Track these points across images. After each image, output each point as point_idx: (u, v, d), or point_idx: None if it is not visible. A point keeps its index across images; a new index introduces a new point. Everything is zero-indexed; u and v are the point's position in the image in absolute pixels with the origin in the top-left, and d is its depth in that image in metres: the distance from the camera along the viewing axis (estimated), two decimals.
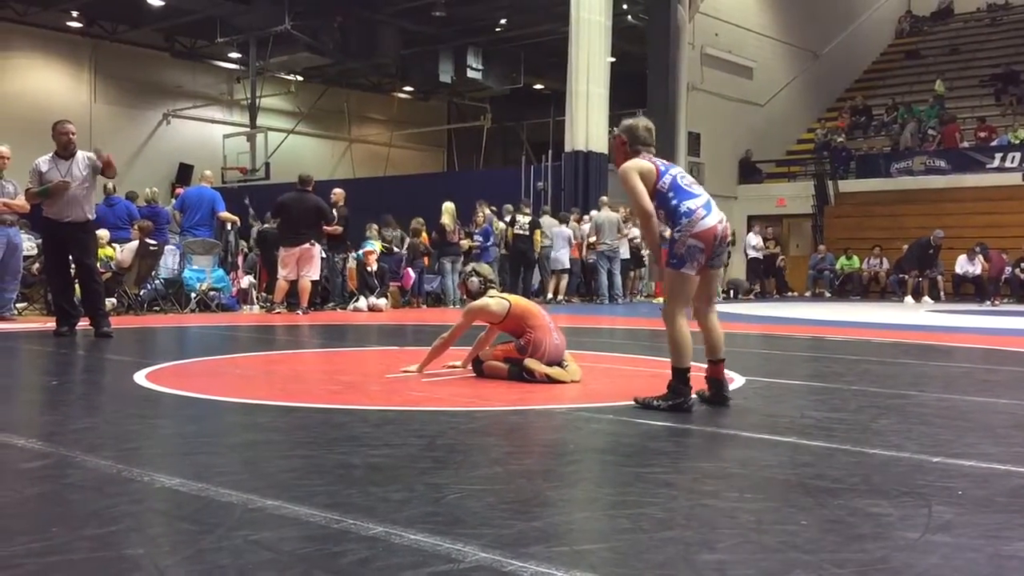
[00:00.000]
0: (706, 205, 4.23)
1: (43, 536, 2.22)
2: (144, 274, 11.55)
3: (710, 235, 4.18)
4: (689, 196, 4.24)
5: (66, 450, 3.20)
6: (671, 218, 4.26)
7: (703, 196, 4.29)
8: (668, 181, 4.29)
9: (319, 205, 11.89)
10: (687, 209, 4.19)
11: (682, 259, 4.20)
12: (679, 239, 4.20)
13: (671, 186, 4.27)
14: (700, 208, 4.20)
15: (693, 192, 4.28)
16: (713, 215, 4.22)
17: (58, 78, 24.38)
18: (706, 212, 4.20)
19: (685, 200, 4.22)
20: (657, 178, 4.29)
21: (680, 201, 4.22)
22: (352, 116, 29.74)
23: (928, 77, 27.16)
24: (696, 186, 4.36)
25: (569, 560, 2.06)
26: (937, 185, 21.84)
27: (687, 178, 4.38)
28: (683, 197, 4.24)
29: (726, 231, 4.30)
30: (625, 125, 4.52)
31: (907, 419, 4.19)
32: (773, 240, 22.09)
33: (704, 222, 4.17)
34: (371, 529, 2.25)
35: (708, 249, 4.20)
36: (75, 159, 7.83)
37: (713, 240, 4.20)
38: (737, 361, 6.80)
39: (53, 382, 5.58)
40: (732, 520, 2.44)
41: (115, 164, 8.12)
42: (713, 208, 4.25)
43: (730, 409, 4.39)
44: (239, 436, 3.69)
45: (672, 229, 4.25)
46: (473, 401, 4.56)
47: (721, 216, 4.27)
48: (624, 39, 21.50)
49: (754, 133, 25.03)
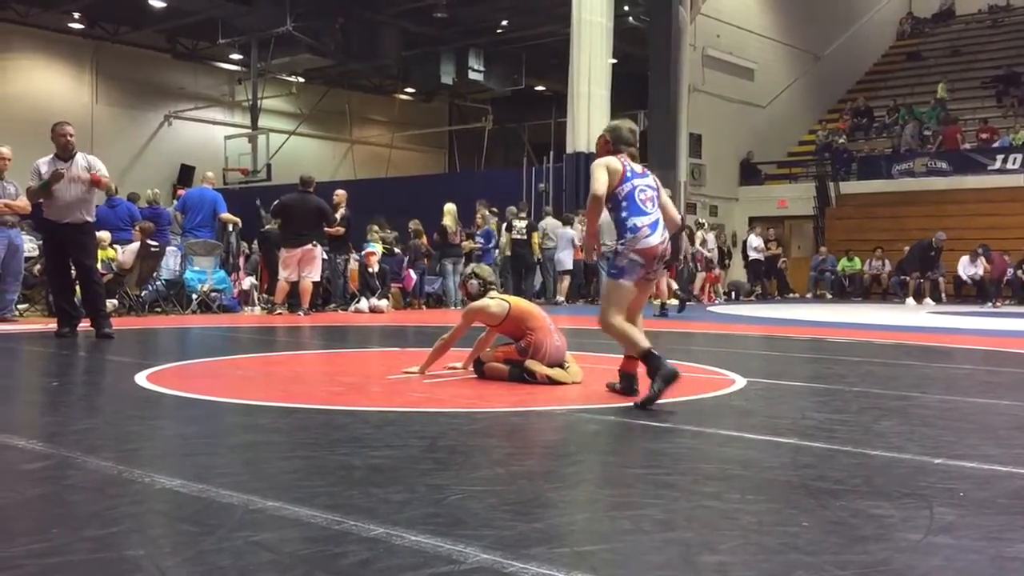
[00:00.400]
0: (652, 224, 4.44)
1: (44, 537, 2.22)
2: (145, 275, 11.56)
3: (651, 254, 4.42)
4: (639, 213, 4.45)
5: (67, 451, 3.20)
6: (617, 228, 4.48)
7: (653, 215, 4.49)
8: (627, 190, 4.48)
9: (321, 206, 11.89)
10: (633, 225, 4.41)
11: (621, 271, 4.45)
12: (622, 252, 4.43)
13: (627, 196, 4.47)
14: (646, 227, 4.42)
15: (644, 210, 4.47)
16: (657, 235, 4.44)
17: (60, 79, 24.41)
18: (651, 232, 4.42)
19: (634, 216, 4.43)
20: (620, 181, 4.48)
21: (629, 215, 4.44)
22: (353, 117, 29.77)
23: (929, 79, 27.15)
24: (650, 204, 4.53)
25: (570, 561, 2.05)
26: (939, 187, 21.84)
27: (646, 193, 4.53)
28: (633, 212, 4.44)
29: (666, 250, 4.51)
30: (611, 126, 4.80)
31: (909, 421, 4.19)
32: (775, 241, 22.09)
33: (647, 240, 4.40)
34: (372, 530, 2.25)
35: (648, 265, 4.45)
36: (75, 160, 7.83)
37: (653, 258, 4.44)
38: (738, 362, 6.80)
39: (54, 383, 5.58)
40: (733, 521, 2.44)
41: (105, 182, 8.14)
42: (659, 228, 4.47)
43: (731, 410, 4.39)
44: (240, 437, 3.69)
45: (616, 241, 4.49)
46: (474, 402, 4.55)
47: (664, 236, 4.49)
48: (625, 40, 21.52)
49: (755, 135, 25.03)
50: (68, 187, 7.74)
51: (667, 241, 4.50)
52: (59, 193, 7.74)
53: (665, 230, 4.51)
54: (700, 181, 23.11)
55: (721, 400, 4.74)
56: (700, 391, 5.02)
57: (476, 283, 5.68)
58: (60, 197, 7.75)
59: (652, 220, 4.45)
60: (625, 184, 4.48)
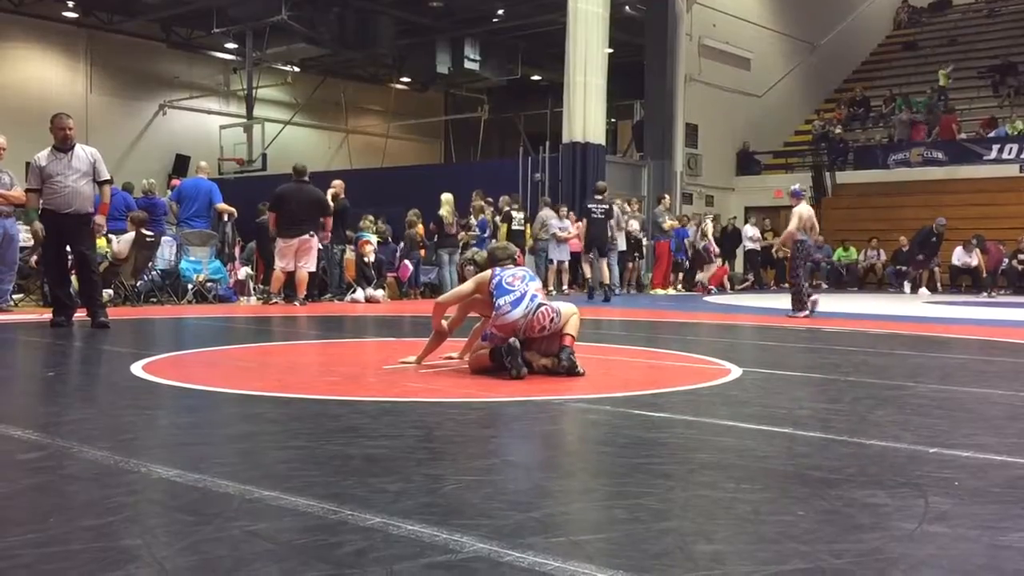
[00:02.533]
0: (514, 301, 5.05)
1: (40, 527, 2.22)
2: (141, 265, 11.54)
3: (509, 328, 5.00)
4: (504, 293, 5.10)
5: (63, 441, 3.20)
6: (493, 308, 5.16)
7: (516, 292, 5.09)
8: (496, 281, 5.18)
9: (319, 197, 11.83)
10: (498, 304, 5.08)
11: (486, 337, 5.20)
12: (491, 324, 5.15)
13: (496, 285, 5.17)
14: (507, 304, 5.05)
15: (510, 289, 5.12)
16: (518, 311, 5.02)
17: (54, 69, 24.30)
18: (511, 308, 5.03)
19: (500, 296, 5.10)
20: (490, 280, 5.21)
21: (497, 296, 5.11)
22: (349, 107, 29.69)
23: (927, 68, 27.13)
24: (519, 282, 5.16)
25: (566, 551, 2.06)
26: (934, 176, 21.86)
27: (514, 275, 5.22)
28: (500, 293, 5.11)
29: (532, 322, 5.01)
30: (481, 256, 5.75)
31: (904, 410, 4.20)
32: (771, 231, 22.10)
33: (505, 317, 5.02)
34: (368, 520, 2.25)
35: (507, 336, 4.98)
36: (74, 152, 7.86)
37: (512, 331, 4.99)
38: (734, 352, 6.82)
39: (50, 373, 5.58)
40: (729, 511, 2.45)
41: (102, 223, 8.18)
42: (523, 303, 5.03)
43: (727, 400, 4.40)
44: (236, 427, 3.69)
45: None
46: (471, 392, 4.56)
47: (529, 310, 5.02)
48: (622, 30, 21.47)
49: (752, 124, 25.01)
50: (68, 178, 7.77)
51: (536, 311, 5.02)
52: (59, 184, 7.75)
53: (533, 303, 5.05)
54: (696, 171, 23.10)
55: (717, 390, 4.75)
56: (696, 381, 5.03)
57: (473, 269, 5.67)
58: (60, 188, 7.76)
59: (514, 297, 5.06)
60: (495, 279, 5.20)
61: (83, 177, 7.85)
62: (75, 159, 7.84)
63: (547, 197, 17.34)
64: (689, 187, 22.84)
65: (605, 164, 19.03)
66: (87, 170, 7.87)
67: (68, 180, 7.77)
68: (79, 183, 7.82)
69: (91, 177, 7.92)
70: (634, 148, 23.97)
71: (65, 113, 8.09)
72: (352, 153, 29.22)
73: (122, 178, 15.73)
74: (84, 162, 7.86)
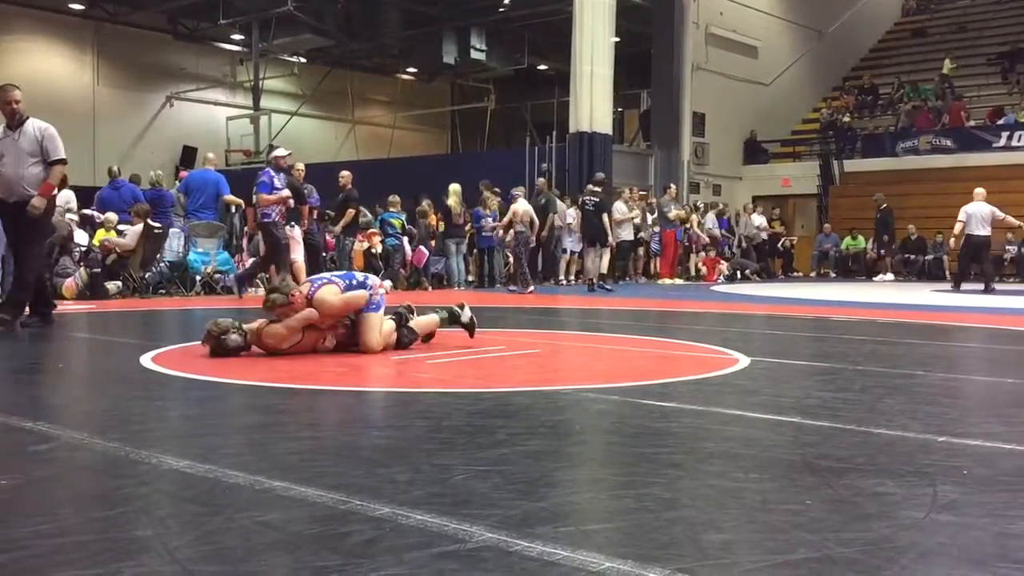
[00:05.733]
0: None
1: (52, 518, 2.23)
2: (149, 257, 11.57)
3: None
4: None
5: (74, 432, 3.21)
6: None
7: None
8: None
9: (294, 186, 11.43)
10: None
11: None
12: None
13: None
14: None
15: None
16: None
17: (61, 61, 24.32)
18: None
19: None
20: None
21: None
22: (355, 98, 29.67)
23: (935, 56, 26.97)
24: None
25: (575, 540, 2.06)
26: (943, 164, 21.74)
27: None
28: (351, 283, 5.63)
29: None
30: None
31: (912, 399, 4.19)
32: (778, 220, 22.05)
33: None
34: (378, 510, 2.26)
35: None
36: (23, 130, 6.81)
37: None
38: (741, 342, 6.81)
39: (60, 365, 5.60)
40: (737, 500, 2.45)
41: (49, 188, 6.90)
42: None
43: (735, 389, 4.40)
44: (245, 418, 3.70)
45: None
46: (479, 383, 4.57)
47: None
48: (628, 19, 21.40)
49: (759, 113, 24.92)
50: (16, 160, 6.77)
51: None
52: (4, 167, 6.77)
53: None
54: (703, 160, 23.05)
55: (724, 379, 4.75)
56: (704, 370, 5.03)
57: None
58: (4, 171, 6.77)
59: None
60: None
61: (29, 158, 6.77)
62: (23, 138, 6.77)
63: (556, 191, 17.29)
64: (696, 176, 22.78)
65: (612, 154, 19.00)
66: (33, 150, 6.77)
67: (14, 165, 6.74)
68: (23, 167, 6.75)
69: (40, 158, 6.81)
70: (641, 137, 23.92)
71: (11, 84, 7.01)
72: (359, 144, 29.22)
73: (129, 170, 15.73)
74: (31, 141, 6.78)
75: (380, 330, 5.47)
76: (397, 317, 5.70)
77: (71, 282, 10.83)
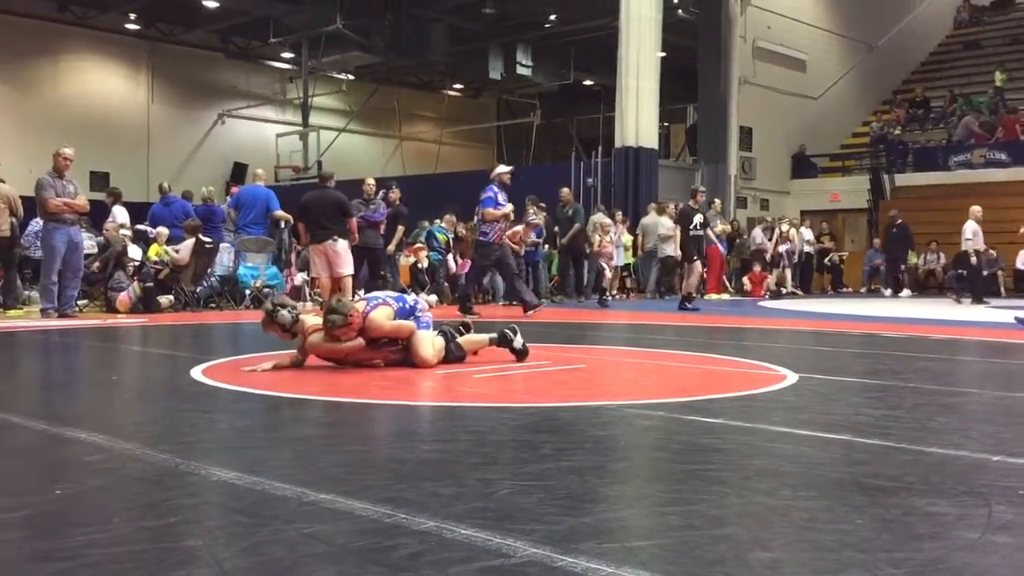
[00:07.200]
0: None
1: (104, 527, 2.27)
2: (200, 271, 11.77)
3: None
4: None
5: (126, 444, 3.27)
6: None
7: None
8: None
9: (338, 200, 11.26)
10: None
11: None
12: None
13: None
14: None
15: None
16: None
17: (116, 80, 24.90)
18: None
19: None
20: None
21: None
22: (402, 114, 29.94)
23: (988, 68, 26.49)
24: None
25: (620, 557, 2.05)
26: (997, 178, 21.30)
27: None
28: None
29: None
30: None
31: (966, 417, 4.11)
32: (828, 235, 21.76)
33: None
34: (423, 524, 2.27)
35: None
36: None
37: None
38: (789, 358, 6.72)
39: (113, 377, 5.71)
40: (785, 518, 2.42)
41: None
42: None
43: (783, 406, 4.35)
44: (293, 430, 3.74)
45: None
46: (524, 397, 4.56)
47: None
48: (674, 33, 21.34)
49: (807, 127, 24.66)
50: None
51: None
52: None
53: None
54: (751, 174, 22.86)
55: (772, 396, 4.69)
56: (751, 387, 4.97)
57: (286, 313, 5.50)
58: None
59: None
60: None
61: None
62: None
63: (602, 205, 17.29)
64: (743, 191, 22.60)
65: (658, 168, 18.93)
66: None
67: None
68: None
69: None
70: (687, 152, 23.81)
71: None
72: (405, 159, 29.46)
73: (182, 186, 16.06)
74: None
75: (433, 344, 5.61)
76: (444, 334, 5.78)
77: (125, 296, 11.06)
